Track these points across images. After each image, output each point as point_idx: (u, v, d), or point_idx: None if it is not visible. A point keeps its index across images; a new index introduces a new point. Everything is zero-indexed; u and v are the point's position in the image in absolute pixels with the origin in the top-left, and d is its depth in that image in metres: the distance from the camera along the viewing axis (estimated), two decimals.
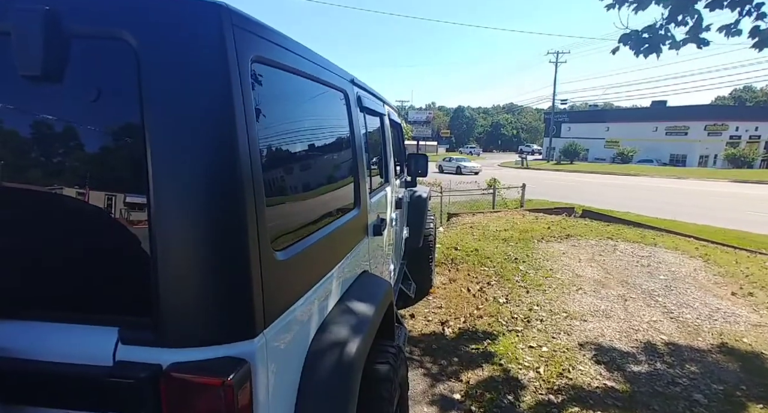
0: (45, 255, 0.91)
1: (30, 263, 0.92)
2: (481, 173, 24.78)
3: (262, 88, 1.02)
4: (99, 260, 0.90)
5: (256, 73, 0.97)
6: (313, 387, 1.14)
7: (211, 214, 0.85)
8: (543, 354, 3.40)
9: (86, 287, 0.91)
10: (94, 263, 0.91)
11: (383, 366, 1.55)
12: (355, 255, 1.71)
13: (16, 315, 0.90)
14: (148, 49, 0.80)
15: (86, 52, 0.82)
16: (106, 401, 0.84)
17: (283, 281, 1.04)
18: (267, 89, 1.05)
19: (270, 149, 1.05)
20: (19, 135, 0.89)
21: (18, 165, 0.91)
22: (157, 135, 0.81)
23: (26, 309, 0.91)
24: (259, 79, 0.99)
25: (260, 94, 1.00)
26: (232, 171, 0.86)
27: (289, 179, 1.17)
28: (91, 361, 0.86)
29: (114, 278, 0.90)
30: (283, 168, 1.14)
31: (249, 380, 0.87)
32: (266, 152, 1.02)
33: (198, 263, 0.85)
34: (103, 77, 0.83)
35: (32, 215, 0.91)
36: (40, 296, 0.92)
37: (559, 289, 4.83)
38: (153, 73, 0.81)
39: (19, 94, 0.86)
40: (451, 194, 10.54)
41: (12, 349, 0.88)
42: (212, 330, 0.87)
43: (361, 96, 1.99)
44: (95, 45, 0.82)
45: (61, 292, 0.91)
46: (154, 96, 0.81)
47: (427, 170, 3.61)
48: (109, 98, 0.83)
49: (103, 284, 0.91)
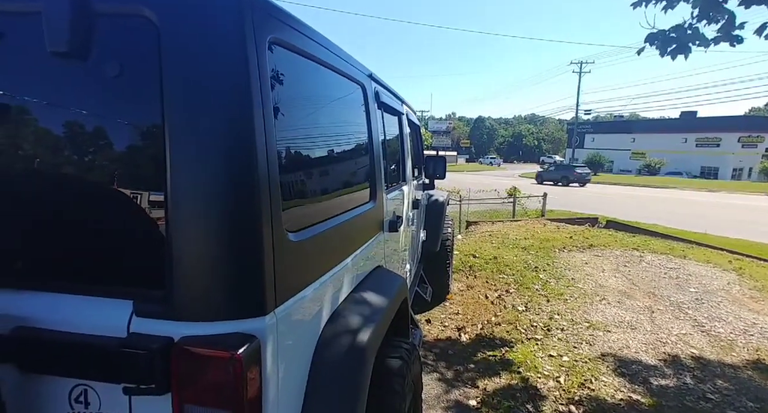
0: (68, 232, 0.94)
1: (54, 239, 0.95)
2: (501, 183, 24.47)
3: (279, 70, 1.03)
4: (117, 237, 0.92)
5: (273, 54, 0.99)
6: (323, 372, 1.13)
7: (224, 192, 0.85)
8: (563, 363, 3.28)
9: (104, 261, 0.93)
10: (112, 239, 0.93)
11: (396, 361, 1.53)
12: (370, 249, 1.70)
13: (41, 287, 0.93)
14: (167, 24, 0.83)
15: (111, 30, 0.85)
16: (119, 371, 0.85)
17: (295, 263, 1.04)
18: (284, 72, 1.06)
19: (285, 133, 1.06)
20: (46, 113, 0.93)
21: (44, 145, 0.95)
22: (173, 111, 0.83)
23: (50, 282, 0.93)
24: (275, 60, 1.00)
25: (277, 75, 1.01)
26: (246, 151, 0.87)
27: (303, 164, 1.18)
28: (107, 332, 0.87)
29: (131, 253, 0.92)
30: (298, 152, 1.15)
31: (258, 357, 0.87)
32: (281, 134, 1.02)
33: (210, 240, 0.86)
34: (126, 54, 0.86)
35: (57, 194, 0.94)
36: (62, 270, 0.94)
37: (581, 299, 4.67)
38: (172, 46, 0.83)
39: (46, 72, 0.89)
40: (470, 202, 10.42)
41: (34, 319, 0.90)
42: (223, 306, 0.88)
43: (379, 92, 2.00)
44: (119, 22, 0.85)
45: (81, 266, 0.94)
46: (172, 70, 0.83)
47: (445, 173, 3.58)
48: (130, 74, 0.86)
49: (120, 260, 0.92)
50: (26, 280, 0.93)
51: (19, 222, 0.95)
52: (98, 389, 0.90)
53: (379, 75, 2.06)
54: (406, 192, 2.57)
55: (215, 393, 0.83)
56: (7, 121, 0.93)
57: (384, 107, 2.13)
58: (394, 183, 2.32)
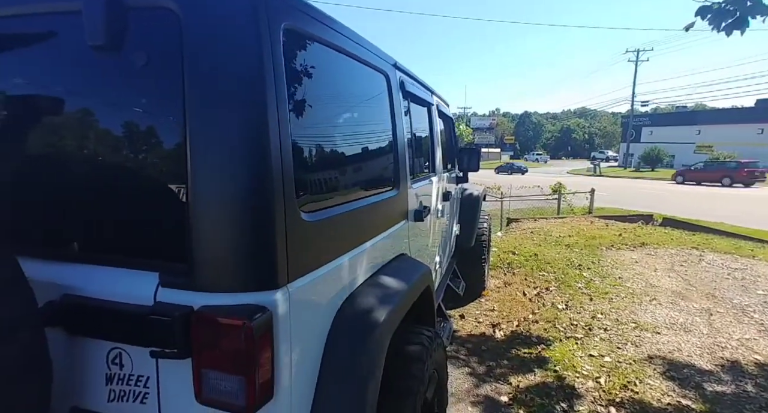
0: (104, 212, 1.04)
1: (93, 218, 1.05)
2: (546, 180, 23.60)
3: (294, 57, 1.07)
4: (146, 216, 1.01)
5: (288, 41, 1.03)
6: (338, 350, 1.17)
7: (239, 174, 0.91)
8: (605, 364, 3.12)
9: (135, 238, 1.02)
10: (142, 218, 1.02)
11: (416, 347, 1.54)
12: (392, 235, 1.72)
13: (83, 259, 1.04)
14: (186, 13, 0.90)
15: (141, 22, 0.94)
16: (147, 336, 0.93)
17: (309, 242, 1.08)
18: (300, 59, 1.10)
19: (300, 120, 1.10)
20: (83, 104, 1.03)
21: (85, 135, 1.05)
22: (192, 98, 0.90)
23: (90, 255, 1.04)
24: (291, 47, 1.05)
25: (292, 62, 1.06)
26: (258, 136, 0.91)
27: (319, 149, 1.22)
28: (137, 301, 0.95)
29: (157, 230, 1.00)
30: (314, 137, 1.19)
31: (270, 328, 0.92)
32: (296, 121, 1.07)
33: (225, 218, 0.92)
34: (155, 44, 0.94)
35: (95, 179, 1.05)
36: (100, 245, 1.05)
37: (629, 298, 4.41)
38: (190, 34, 0.90)
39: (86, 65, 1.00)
40: (511, 199, 10.12)
41: (77, 288, 1.01)
42: (238, 279, 0.93)
43: (405, 81, 2.01)
44: (147, 15, 0.93)
45: (115, 241, 1.04)
46: (191, 57, 0.89)
47: (478, 165, 3.52)
48: (158, 64, 0.94)
49: (148, 236, 1.01)
50: (71, 253, 1.05)
51: (65, 203, 1.06)
52: (131, 352, 0.99)
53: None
54: (436, 183, 2.56)
55: (228, 359, 0.89)
56: (55, 112, 1.05)
57: (410, 97, 2.14)
58: (422, 174, 2.32)
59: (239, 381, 0.89)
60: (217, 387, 0.91)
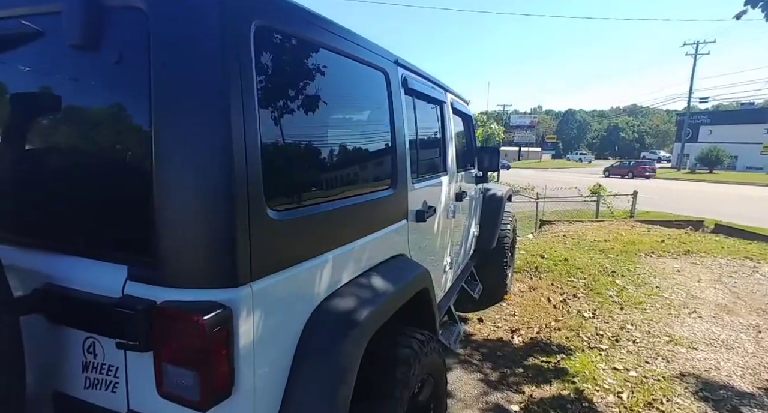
0: (83, 207, 1.09)
1: (74, 212, 1.10)
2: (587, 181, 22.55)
3: (268, 54, 1.07)
4: (118, 211, 1.04)
5: (260, 39, 1.02)
6: (309, 351, 1.15)
7: (198, 172, 0.92)
8: (629, 378, 2.92)
9: (109, 232, 1.06)
10: (115, 213, 1.05)
11: (404, 350, 1.50)
12: (387, 235, 1.68)
13: (63, 250, 1.09)
14: (153, 13, 0.91)
15: (114, 22, 0.96)
16: (113, 327, 0.96)
17: (279, 241, 1.07)
18: (274, 55, 1.10)
19: (273, 117, 1.09)
20: (59, 100, 1.08)
21: (62, 130, 1.10)
22: (157, 95, 0.91)
23: (69, 246, 1.09)
24: (263, 44, 1.04)
25: (265, 59, 1.05)
26: (220, 135, 0.91)
27: (295, 149, 1.20)
28: (108, 293, 0.98)
29: (128, 225, 1.03)
30: (290, 137, 1.18)
31: (227, 325, 0.92)
32: (268, 119, 1.06)
33: (187, 215, 0.93)
34: (126, 43, 0.96)
35: (73, 175, 1.10)
36: (79, 238, 1.09)
37: (665, 310, 4.11)
38: (157, 33, 0.91)
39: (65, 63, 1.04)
40: (545, 200, 9.73)
41: (58, 277, 1.06)
42: (199, 275, 0.94)
43: (409, 78, 1.96)
44: (121, 14, 0.95)
45: (92, 235, 1.08)
46: (157, 55, 0.91)
47: (497, 165, 3.40)
48: (129, 61, 0.96)
49: (120, 230, 1.04)
50: (53, 244, 1.10)
51: (47, 197, 1.12)
52: (103, 342, 1.02)
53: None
54: (446, 183, 2.49)
55: (184, 354, 0.90)
56: (33, 108, 1.11)
57: (416, 95, 2.09)
58: (429, 173, 2.26)
59: (194, 377, 0.90)
60: (175, 382, 0.92)
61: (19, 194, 1.16)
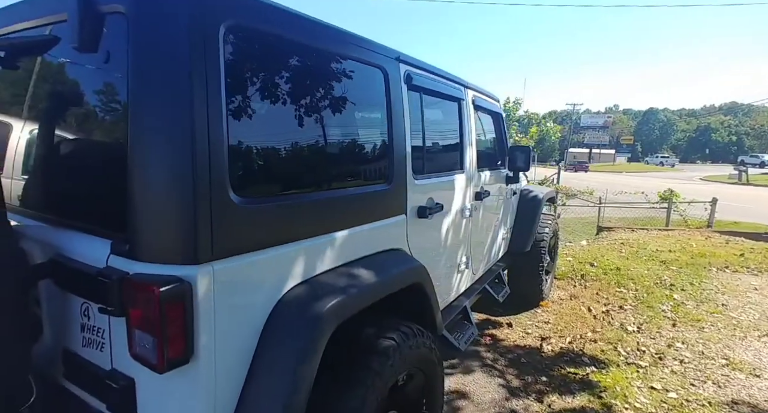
0: (77, 187, 1.28)
1: (72, 193, 1.30)
2: (659, 185, 20.46)
3: (240, 52, 1.15)
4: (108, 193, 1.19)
5: (231, 38, 1.11)
6: (274, 332, 1.22)
7: (166, 159, 1.03)
8: (667, 399, 2.65)
9: (99, 210, 1.22)
10: (103, 195, 1.20)
11: (383, 341, 1.52)
12: (378, 229, 1.70)
13: (66, 225, 1.27)
14: (130, 16, 1.03)
15: (106, 26, 1.09)
16: (98, 294, 1.11)
17: (244, 226, 1.15)
18: (247, 53, 1.18)
19: (244, 113, 1.17)
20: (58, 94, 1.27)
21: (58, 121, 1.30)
22: (132, 90, 1.04)
23: (71, 222, 1.27)
24: (235, 43, 1.13)
25: (236, 57, 1.14)
26: (184, 128, 1.00)
27: (267, 143, 1.28)
28: (95, 264, 1.13)
29: (112, 206, 1.15)
30: (263, 132, 1.25)
31: (183, 298, 1.01)
32: (237, 114, 1.14)
33: (155, 198, 1.04)
34: (113, 44, 1.10)
35: (70, 159, 1.29)
36: (78, 215, 1.27)
37: (729, 330, 3.65)
38: (132, 34, 1.03)
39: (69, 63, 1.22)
40: (605, 205, 9.01)
41: (62, 248, 1.23)
42: (164, 252, 1.05)
43: (414, 75, 1.97)
44: (109, 19, 1.08)
45: (88, 212, 1.24)
46: (132, 54, 1.03)
47: (528, 164, 3.24)
48: (114, 60, 1.10)
49: (107, 210, 1.18)
50: (61, 220, 1.29)
51: (57, 181, 1.32)
52: (93, 307, 1.18)
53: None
54: (461, 181, 2.45)
55: (146, 320, 1.01)
56: (55, 108, 1.31)
57: (424, 91, 2.09)
58: (438, 170, 2.24)
59: (153, 341, 1.00)
60: (141, 344, 1.03)
61: (38, 178, 1.38)
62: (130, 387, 1.11)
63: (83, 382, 1.24)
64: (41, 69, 1.40)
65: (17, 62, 1.43)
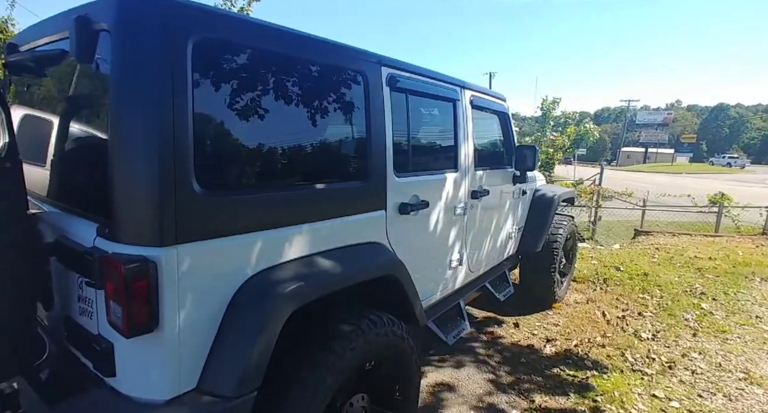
0: (77, 177, 1.49)
1: (73, 181, 1.52)
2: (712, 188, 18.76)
3: (209, 62, 1.30)
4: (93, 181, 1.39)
5: (199, 50, 1.27)
6: (234, 311, 1.37)
7: (136, 154, 1.20)
8: (668, 409, 2.56)
9: (90, 197, 1.42)
10: (91, 182, 1.41)
11: (346, 326, 1.63)
12: (352, 223, 1.81)
13: (69, 211, 1.50)
14: (112, 33, 1.21)
15: (97, 41, 1.28)
16: (86, 270, 1.31)
17: (208, 214, 1.31)
18: (216, 63, 1.33)
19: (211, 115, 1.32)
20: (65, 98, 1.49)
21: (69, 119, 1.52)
22: (111, 96, 1.22)
23: (69, 206, 1.50)
24: (203, 54, 1.28)
25: (204, 67, 1.29)
26: (150, 129, 1.17)
27: (233, 141, 1.42)
28: (86, 243, 1.34)
29: (98, 193, 1.32)
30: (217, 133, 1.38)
31: (147, 275, 1.18)
32: (203, 117, 1.29)
33: (127, 188, 1.22)
34: (102, 56, 1.29)
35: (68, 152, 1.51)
36: (77, 200, 1.49)
37: (756, 344, 3.41)
38: (113, 48, 1.21)
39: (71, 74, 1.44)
40: (649, 208, 8.50)
41: (66, 231, 1.46)
42: (136, 235, 1.23)
43: (398, 77, 2.04)
44: (101, 35, 1.27)
45: (83, 198, 1.46)
46: (113, 64, 1.21)
47: (535, 164, 3.20)
48: (103, 70, 1.29)
49: (94, 196, 1.37)
50: (65, 206, 1.52)
51: (63, 171, 1.56)
52: (84, 281, 1.39)
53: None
54: (452, 179, 2.49)
55: (116, 292, 1.19)
56: (65, 110, 1.53)
57: (410, 93, 2.16)
58: (425, 169, 2.31)
59: (121, 311, 1.18)
60: (113, 313, 1.22)
61: (51, 170, 1.63)
62: (110, 350, 1.30)
63: (78, 344, 1.46)
64: (54, 76, 1.65)
65: (43, 71, 1.70)
